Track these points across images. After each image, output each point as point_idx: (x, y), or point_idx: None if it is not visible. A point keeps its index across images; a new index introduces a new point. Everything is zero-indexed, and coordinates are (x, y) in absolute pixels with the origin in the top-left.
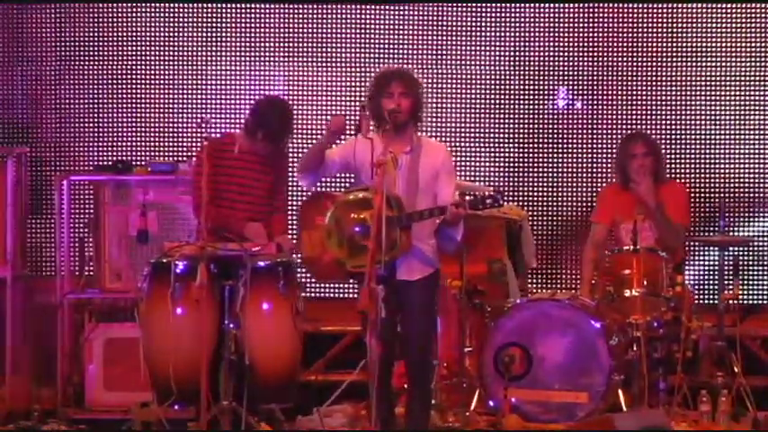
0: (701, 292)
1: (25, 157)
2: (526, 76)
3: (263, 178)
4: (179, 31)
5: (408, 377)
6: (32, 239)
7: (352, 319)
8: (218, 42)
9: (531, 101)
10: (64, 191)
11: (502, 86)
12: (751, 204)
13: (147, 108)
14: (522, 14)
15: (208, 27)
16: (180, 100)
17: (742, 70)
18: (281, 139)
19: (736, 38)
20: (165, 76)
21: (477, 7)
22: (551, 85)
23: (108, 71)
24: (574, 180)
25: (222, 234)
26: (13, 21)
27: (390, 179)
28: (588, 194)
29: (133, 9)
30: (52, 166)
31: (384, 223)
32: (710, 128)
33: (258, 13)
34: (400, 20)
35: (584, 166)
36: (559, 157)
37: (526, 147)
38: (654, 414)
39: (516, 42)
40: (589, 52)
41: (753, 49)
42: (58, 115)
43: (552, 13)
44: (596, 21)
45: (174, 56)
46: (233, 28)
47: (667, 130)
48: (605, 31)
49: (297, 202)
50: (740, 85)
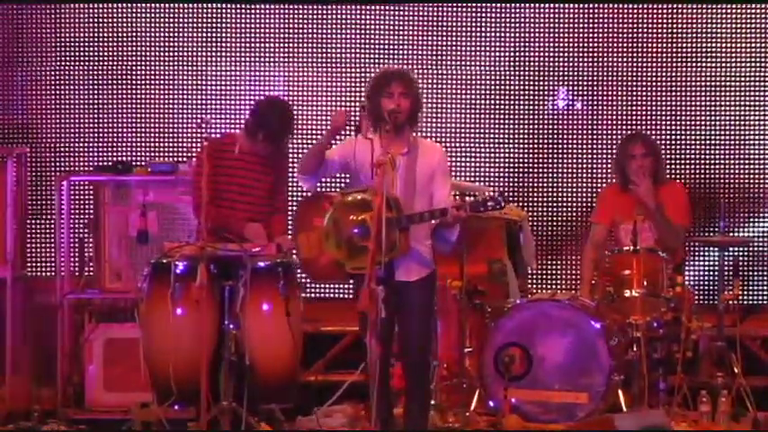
0: (700, 292)
1: (25, 158)
2: (526, 76)
3: (263, 179)
4: (179, 32)
5: (407, 378)
6: (32, 240)
7: (352, 319)
8: (218, 43)
9: (531, 101)
10: (64, 191)
11: (502, 87)
12: (751, 205)
13: (147, 108)
14: (522, 14)
15: (208, 28)
16: (180, 100)
17: (742, 71)
18: (281, 139)
19: (737, 39)
20: (165, 76)
21: (477, 7)
22: (551, 86)
23: (108, 72)
24: (574, 180)
25: (222, 234)
26: (13, 21)
27: (389, 180)
28: (588, 195)
29: (133, 10)
30: (52, 166)
31: (384, 224)
32: (710, 128)
33: (258, 14)
34: (400, 20)
35: (584, 166)
36: (559, 157)
37: (526, 147)
38: (654, 414)
39: (516, 42)
40: (589, 53)
41: (753, 50)
42: (57, 116)
43: (552, 14)
44: (596, 21)
45: (174, 56)
46: (233, 28)
47: (667, 130)
48: (605, 31)
49: (297, 202)
50: (740, 86)
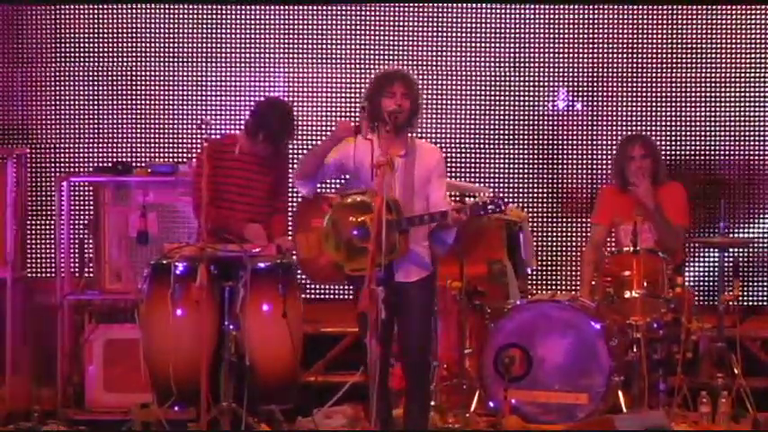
0: (701, 293)
1: (25, 159)
2: (526, 76)
3: (263, 179)
4: (179, 32)
5: (407, 379)
6: (32, 240)
7: (352, 320)
8: (219, 43)
9: (531, 101)
10: (64, 192)
11: (502, 87)
12: (751, 205)
13: (147, 109)
14: (522, 15)
15: (208, 28)
16: (180, 101)
17: (742, 71)
18: (281, 140)
19: (737, 39)
20: (165, 77)
21: (477, 7)
22: (551, 86)
23: (108, 72)
24: (574, 180)
25: (222, 235)
26: (13, 22)
27: (388, 182)
28: (588, 195)
29: (133, 10)
30: (52, 167)
31: (384, 226)
32: (710, 128)
33: (258, 14)
34: (400, 20)
35: (584, 166)
36: (559, 158)
37: (526, 148)
38: (654, 415)
39: (516, 42)
40: (589, 53)
41: (753, 51)
42: (57, 116)
43: (552, 14)
44: (596, 22)
45: (175, 57)
46: (233, 29)
47: (667, 130)
48: (605, 32)
49: (296, 203)
50: (740, 86)
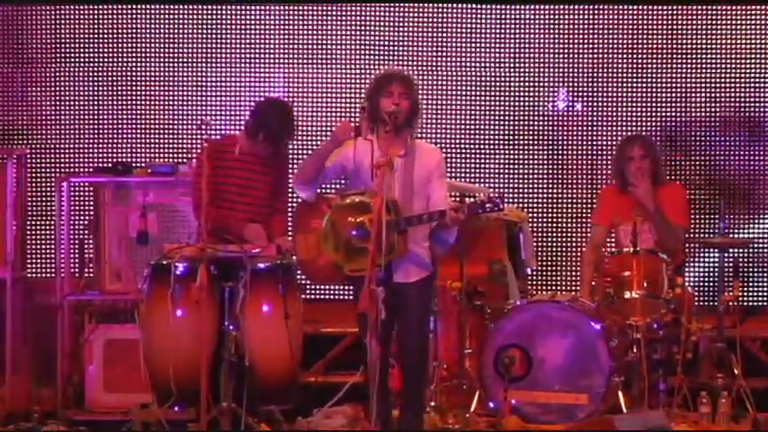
0: (701, 293)
1: (25, 159)
2: (526, 76)
3: (263, 179)
4: (179, 33)
5: (403, 379)
6: (32, 241)
7: (352, 320)
8: (219, 44)
9: (530, 102)
10: (64, 192)
11: (502, 87)
12: (751, 205)
13: (147, 110)
14: (522, 14)
15: (208, 28)
16: (180, 101)
17: (742, 71)
18: (281, 140)
19: (737, 38)
20: (166, 77)
21: (477, 7)
22: (551, 86)
23: (108, 73)
24: (574, 181)
25: (222, 235)
26: (13, 22)
27: (387, 182)
28: (588, 195)
29: (133, 10)
30: (52, 167)
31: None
32: (710, 128)
33: (258, 14)
34: (400, 20)
35: (583, 167)
36: (559, 158)
37: (526, 148)
38: (654, 415)
39: (516, 42)
40: (589, 53)
41: (753, 50)
42: (57, 117)
43: (552, 14)
44: (596, 21)
45: (175, 57)
46: (233, 29)
47: (667, 130)
48: (605, 31)
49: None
50: (740, 86)
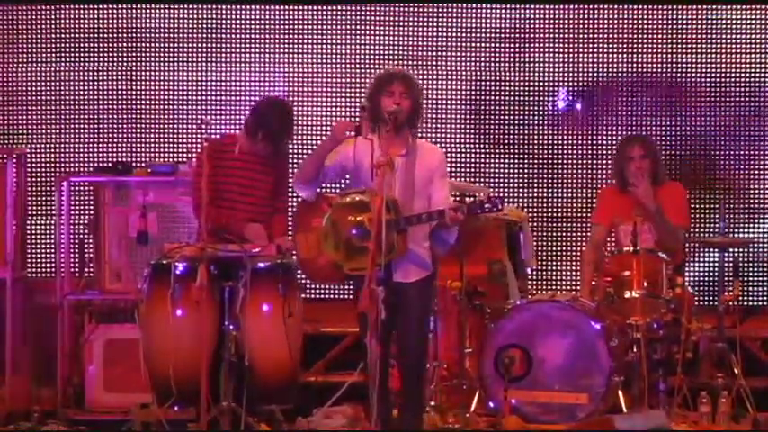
0: (701, 293)
1: (25, 159)
2: (526, 76)
3: (264, 179)
4: (179, 32)
5: (402, 379)
6: (32, 240)
7: (352, 320)
8: (219, 43)
9: (531, 102)
10: (64, 192)
11: (502, 87)
12: (751, 205)
13: (147, 109)
14: (522, 14)
15: (208, 28)
16: (180, 101)
17: (742, 71)
18: (281, 139)
19: (737, 38)
20: (166, 76)
21: (477, 7)
22: (551, 86)
23: (108, 72)
24: (574, 181)
25: (222, 235)
26: (13, 21)
27: (388, 181)
28: (588, 195)
29: (133, 10)
30: (52, 167)
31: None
32: (710, 128)
33: (258, 14)
34: (400, 19)
35: (584, 166)
36: (559, 158)
37: (526, 148)
38: (654, 415)
39: (516, 42)
40: (589, 53)
41: (753, 50)
42: (57, 116)
43: (552, 14)
44: (596, 21)
45: (175, 57)
46: (233, 28)
47: (667, 130)
48: (605, 31)
49: (296, 203)
50: (740, 86)
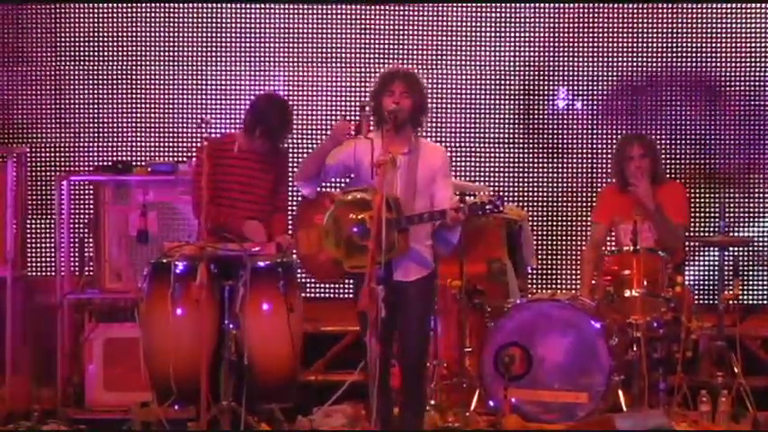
0: (701, 292)
1: (25, 158)
2: (526, 76)
3: (264, 176)
4: (179, 32)
5: (403, 378)
6: (32, 239)
7: (352, 319)
8: (218, 42)
9: (530, 101)
10: (64, 191)
11: (502, 87)
12: (751, 205)
13: (147, 108)
14: (522, 14)
15: (208, 27)
16: (180, 100)
17: (742, 70)
18: (279, 135)
19: (737, 38)
20: (165, 76)
21: (477, 7)
22: (551, 86)
23: (108, 71)
24: (574, 180)
25: (222, 234)
26: (13, 21)
27: (389, 180)
28: (588, 194)
29: (133, 10)
30: (52, 166)
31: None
32: (710, 128)
33: (258, 14)
34: (400, 20)
35: (583, 166)
36: (559, 157)
37: (526, 147)
38: (654, 414)
39: (516, 42)
40: (589, 52)
41: (753, 49)
42: (57, 115)
43: (552, 14)
44: (596, 21)
45: (174, 56)
46: (233, 28)
47: (667, 130)
48: (605, 31)
49: (297, 201)
50: (740, 86)
